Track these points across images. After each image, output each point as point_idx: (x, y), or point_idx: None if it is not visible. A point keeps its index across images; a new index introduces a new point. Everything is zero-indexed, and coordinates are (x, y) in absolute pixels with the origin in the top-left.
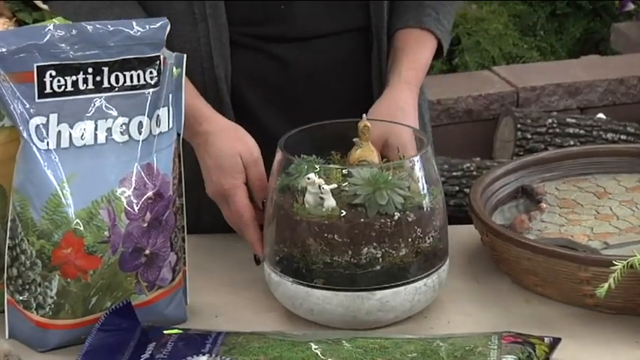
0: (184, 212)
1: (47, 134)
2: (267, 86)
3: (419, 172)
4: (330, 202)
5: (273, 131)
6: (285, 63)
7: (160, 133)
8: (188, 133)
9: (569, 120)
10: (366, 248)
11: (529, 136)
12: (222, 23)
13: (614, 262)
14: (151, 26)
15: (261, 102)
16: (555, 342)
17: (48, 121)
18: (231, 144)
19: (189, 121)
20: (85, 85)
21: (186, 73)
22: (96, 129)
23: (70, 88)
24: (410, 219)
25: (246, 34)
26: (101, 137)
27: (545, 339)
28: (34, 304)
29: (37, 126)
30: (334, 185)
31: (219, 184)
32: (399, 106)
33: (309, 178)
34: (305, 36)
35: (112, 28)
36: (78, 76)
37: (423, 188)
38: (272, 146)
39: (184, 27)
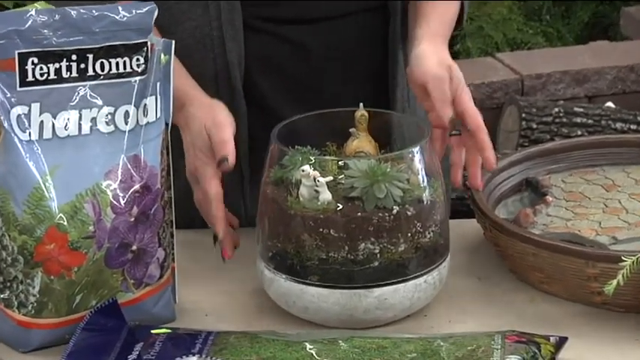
0: (173, 206)
1: (29, 124)
2: (280, 72)
3: (419, 164)
4: (326, 195)
5: (302, 129)
6: (300, 46)
7: (148, 123)
8: (174, 115)
9: (576, 109)
10: (363, 244)
11: (534, 126)
12: (234, 4)
13: (623, 257)
14: (138, 11)
15: (274, 89)
16: (561, 341)
17: (30, 110)
18: (201, 122)
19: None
20: (68, 72)
21: (196, 61)
22: (80, 119)
23: (52, 76)
24: (409, 213)
25: (260, 17)
26: (85, 128)
27: (551, 338)
28: (16, 303)
29: (19, 116)
30: (330, 178)
31: (191, 163)
32: (441, 50)
33: (303, 171)
34: (321, 16)
35: (96, 13)
36: (61, 64)
37: (423, 180)
38: (301, 145)
39: (195, 10)
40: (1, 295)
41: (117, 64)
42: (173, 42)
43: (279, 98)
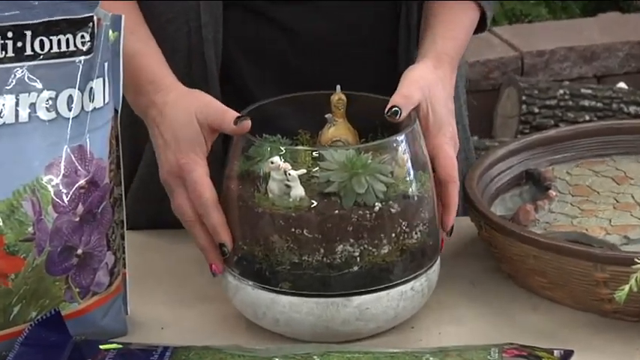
0: (123, 204)
1: None
2: (264, 56)
3: (404, 155)
4: (298, 190)
5: (270, 116)
6: (292, 30)
7: (94, 109)
8: (144, 102)
9: (583, 91)
10: (341, 245)
11: (536, 111)
12: None
13: (636, 259)
14: None
15: (256, 75)
16: (567, 355)
17: None
18: (187, 109)
19: (146, 87)
20: (3, 52)
21: (169, 34)
22: (17, 105)
23: None
24: (393, 210)
25: None
26: (23, 114)
27: (555, 352)
28: None
29: None
30: (303, 171)
31: (173, 160)
32: (439, 77)
33: (272, 163)
34: None
35: None
36: None
37: (409, 173)
38: (269, 134)
39: None
40: None
41: (59, 41)
42: (123, 16)
43: (261, 86)
